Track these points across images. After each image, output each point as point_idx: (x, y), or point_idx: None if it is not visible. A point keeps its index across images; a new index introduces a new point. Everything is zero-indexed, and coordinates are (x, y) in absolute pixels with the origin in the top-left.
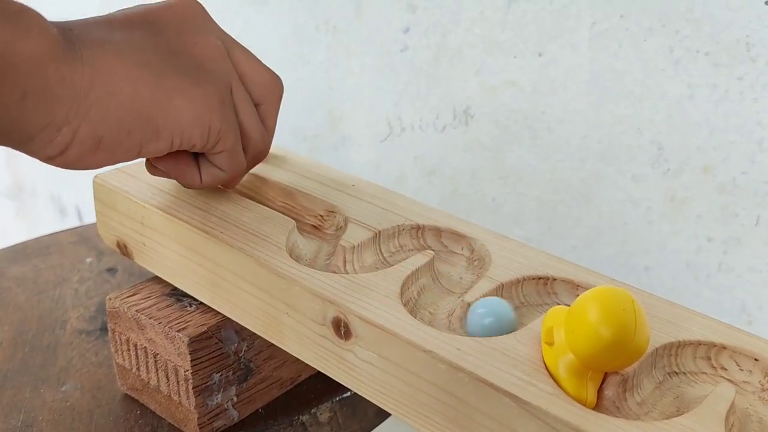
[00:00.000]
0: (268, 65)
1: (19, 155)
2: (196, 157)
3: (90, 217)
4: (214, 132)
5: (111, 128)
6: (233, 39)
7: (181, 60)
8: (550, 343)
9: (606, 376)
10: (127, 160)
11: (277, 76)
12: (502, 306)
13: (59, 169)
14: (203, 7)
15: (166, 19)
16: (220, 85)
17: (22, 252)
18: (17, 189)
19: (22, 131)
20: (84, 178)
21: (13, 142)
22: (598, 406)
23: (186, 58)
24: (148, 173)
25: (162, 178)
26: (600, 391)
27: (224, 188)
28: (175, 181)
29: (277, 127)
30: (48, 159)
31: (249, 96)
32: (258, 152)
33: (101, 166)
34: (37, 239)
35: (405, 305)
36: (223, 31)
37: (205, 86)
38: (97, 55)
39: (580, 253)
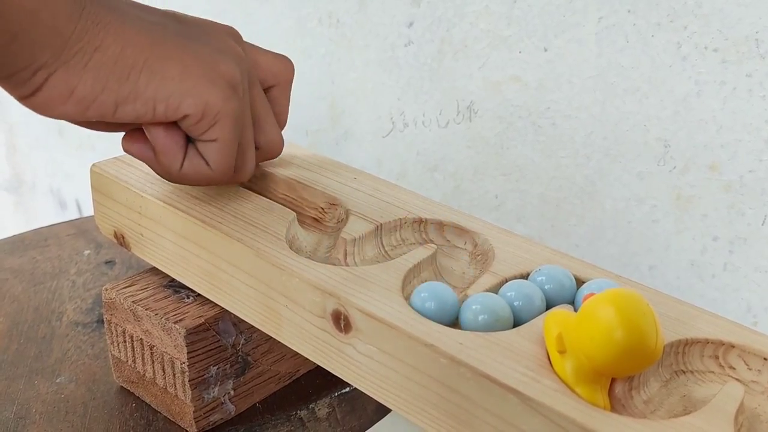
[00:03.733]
0: None
1: (20, 149)
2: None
3: (90, 211)
4: (210, 111)
5: (85, 80)
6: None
7: (196, 43)
8: (563, 352)
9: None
10: (102, 119)
11: (287, 57)
12: (496, 302)
13: (61, 169)
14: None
15: (191, 19)
16: (235, 69)
17: (19, 243)
18: (17, 182)
19: (2, 70)
20: (85, 171)
21: None
22: None
23: (202, 41)
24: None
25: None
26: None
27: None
28: None
29: None
30: (21, 98)
31: (263, 92)
32: (273, 148)
33: (72, 119)
34: (35, 231)
35: (406, 299)
36: None
37: (216, 63)
38: (100, 15)
39: (583, 252)
